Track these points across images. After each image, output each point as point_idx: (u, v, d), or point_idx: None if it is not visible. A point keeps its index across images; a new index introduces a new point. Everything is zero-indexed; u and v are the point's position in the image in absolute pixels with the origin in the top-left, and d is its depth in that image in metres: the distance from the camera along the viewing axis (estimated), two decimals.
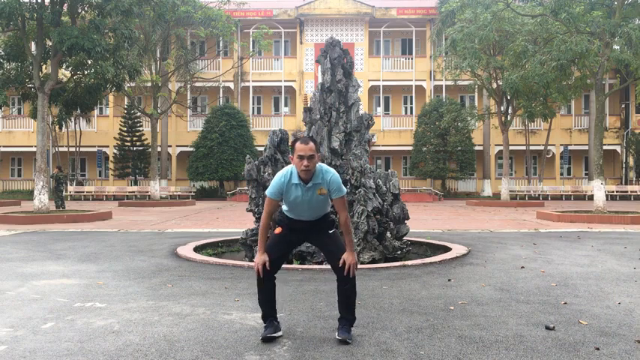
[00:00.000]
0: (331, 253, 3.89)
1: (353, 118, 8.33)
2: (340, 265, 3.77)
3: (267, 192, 3.84)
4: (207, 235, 11.27)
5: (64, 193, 21.01)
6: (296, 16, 34.93)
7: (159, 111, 27.89)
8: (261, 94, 36.54)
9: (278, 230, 3.93)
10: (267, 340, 3.81)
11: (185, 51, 29.67)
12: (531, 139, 33.82)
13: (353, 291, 3.85)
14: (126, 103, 32.68)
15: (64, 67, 19.43)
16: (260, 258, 3.81)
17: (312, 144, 3.69)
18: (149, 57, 27.09)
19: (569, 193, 32.00)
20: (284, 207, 3.96)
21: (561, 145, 34.57)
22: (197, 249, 8.62)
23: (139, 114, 31.65)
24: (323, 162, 7.99)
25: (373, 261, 7.35)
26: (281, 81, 35.46)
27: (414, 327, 4.20)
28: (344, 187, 3.85)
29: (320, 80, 8.71)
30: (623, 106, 35.62)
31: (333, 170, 3.83)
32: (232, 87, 35.25)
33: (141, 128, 32.63)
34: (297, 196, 3.79)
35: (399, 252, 7.63)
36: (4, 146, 35.05)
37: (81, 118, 33.24)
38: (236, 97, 35.25)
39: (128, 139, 32.40)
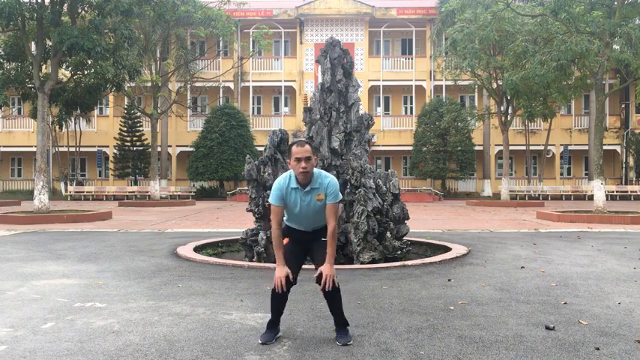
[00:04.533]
0: (317, 260, 3.87)
1: (353, 118, 8.32)
2: (316, 275, 3.75)
3: (270, 199, 3.85)
4: (207, 235, 11.27)
5: None
6: (296, 16, 34.93)
7: (159, 111, 27.88)
8: (261, 94, 36.54)
9: (286, 241, 3.92)
10: (266, 343, 3.81)
11: (185, 51, 29.66)
12: (531, 139, 33.82)
13: (335, 298, 3.83)
14: (126, 103, 32.67)
15: (64, 67, 19.43)
16: (282, 271, 3.74)
17: (307, 146, 3.73)
18: (149, 57, 27.07)
19: (569, 193, 32.00)
20: (285, 218, 3.96)
21: (561, 145, 34.56)
22: (197, 249, 8.62)
23: (139, 114, 31.64)
24: (323, 162, 8.01)
25: (373, 261, 7.35)
26: (281, 81, 35.45)
27: (414, 327, 4.20)
28: (340, 195, 3.85)
29: (320, 80, 8.71)
30: (623, 106, 35.61)
31: (332, 176, 3.85)
32: (232, 87, 35.24)
33: (141, 128, 32.62)
34: (297, 201, 3.80)
35: (399, 252, 7.63)
36: (4, 146, 35.04)
37: (81, 118, 33.23)
38: (236, 97, 35.25)
39: (128, 139, 32.39)
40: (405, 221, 8.11)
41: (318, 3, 34.91)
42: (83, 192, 31.70)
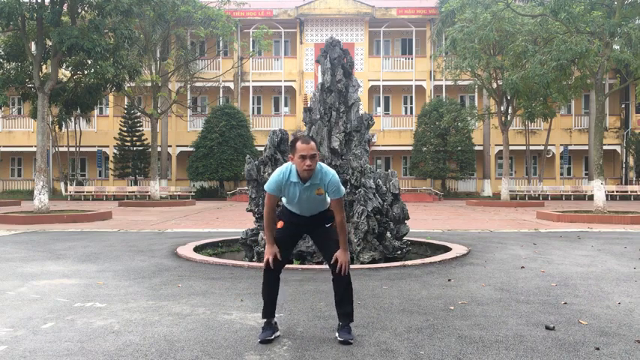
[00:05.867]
0: (326, 248, 3.92)
1: (353, 118, 8.32)
2: (332, 263, 3.80)
3: (266, 187, 3.85)
4: (207, 235, 11.27)
5: None
6: (296, 16, 34.93)
7: (159, 111, 27.88)
8: (261, 94, 36.55)
9: (280, 224, 3.95)
10: (266, 342, 3.81)
11: (185, 51, 29.66)
12: (531, 139, 33.82)
13: (348, 286, 3.87)
14: (126, 103, 32.68)
15: (64, 67, 19.43)
16: (270, 250, 3.82)
17: (313, 143, 3.70)
18: (149, 57, 27.08)
19: (569, 193, 32.00)
20: (284, 200, 3.97)
21: (561, 145, 34.56)
22: (197, 249, 8.62)
23: (139, 114, 31.65)
24: (323, 162, 8.01)
25: (373, 261, 7.35)
26: (281, 81, 35.46)
27: (414, 327, 4.20)
28: (342, 189, 3.85)
29: (320, 80, 8.70)
30: (623, 106, 35.61)
31: (332, 171, 3.82)
32: (232, 87, 35.25)
33: (141, 128, 32.62)
34: (295, 194, 3.79)
35: (399, 252, 7.63)
36: (4, 146, 35.04)
37: (81, 118, 33.23)
38: (236, 97, 35.25)
39: (128, 139, 32.39)
40: (405, 221, 8.11)
41: (318, 3, 34.91)
42: (83, 192, 31.70)
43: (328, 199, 3.93)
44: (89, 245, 9.45)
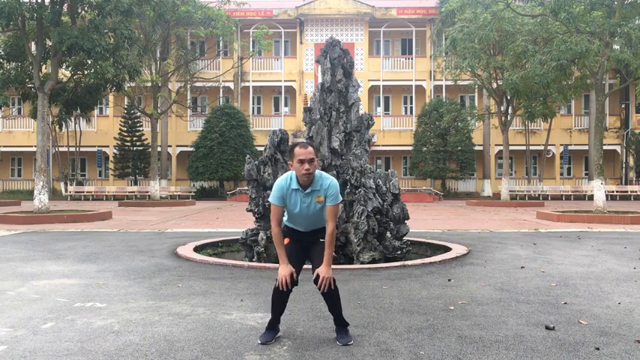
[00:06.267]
0: (314, 261, 3.86)
1: (353, 118, 8.32)
2: (314, 279, 3.73)
3: (270, 199, 3.85)
4: (207, 235, 11.27)
5: None
6: (296, 16, 34.93)
7: (159, 111, 27.87)
8: (261, 94, 36.55)
9: (286, 241, 3.92)
10: (266, 344, 3.80)
11: (185, 51, 29.66)
12: (531, 139, 33.82)
13: (336, 299, 3.81)
14: (126, 103, 32.68)
15: (64, 67, 19.43)
16: (285, 269, 3.71)
17: (310, 147, 3.72)
18: (149, 57, 27.08)
19: (569, 193, 32.00)
20: (284, 218, 3.97)
21: (561, 145, 34.56)
22: (197, 249, 8.62)
23: (139, 114, 31.64)
24: (323, 162, 8.01)
25: (373, 261, 7.35)
26: (281, 81, 35.46)
27: (414, 327, 4.20)
28: (340, 197, 3.85)
29: (320, 80, 8.70)
30: (623, 106, 35.61)
31: (332, 178, 3.86)
32: (232, 87, 35.25)
33: (141, 128, 32.62)
34: (297, 203, 3.80)
35: (399, 252, 7.63)
36: (4, 146, 35.04)
37: (81, 118, 33.23)
38: (236, 97, 35.25)
39: (128, 139, 32.39)
40: (405, 221, 8.12)
41: (318, 3, 34.91)
42: (83, 192, 31.70)
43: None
44: (89, 245, 9.45)
